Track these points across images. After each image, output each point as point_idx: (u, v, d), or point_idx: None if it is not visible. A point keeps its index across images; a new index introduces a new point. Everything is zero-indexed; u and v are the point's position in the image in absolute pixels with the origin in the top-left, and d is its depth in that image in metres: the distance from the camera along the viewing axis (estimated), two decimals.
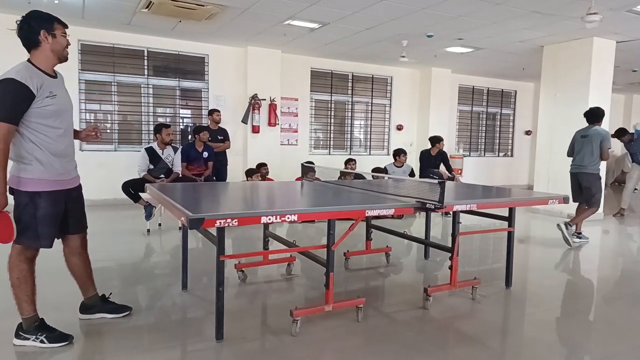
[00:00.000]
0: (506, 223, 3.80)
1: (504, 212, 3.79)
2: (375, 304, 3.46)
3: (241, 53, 8.67)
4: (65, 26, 2.57)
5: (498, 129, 12.52)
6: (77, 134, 2.83)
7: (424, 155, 7.88)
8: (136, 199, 5.70)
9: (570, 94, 7.48)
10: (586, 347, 2.92)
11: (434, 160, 7.77)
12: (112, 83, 7.87)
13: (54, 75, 2.57)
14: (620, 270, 4.79)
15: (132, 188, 5.62)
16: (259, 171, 6.98)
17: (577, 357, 2.76)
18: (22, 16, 2.49)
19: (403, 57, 8.12)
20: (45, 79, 2.46)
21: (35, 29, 2.44)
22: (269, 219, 2.43)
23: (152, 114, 8.31)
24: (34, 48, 2.48)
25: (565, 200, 3.68)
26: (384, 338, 2.85)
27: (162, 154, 5.82)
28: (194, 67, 8.57)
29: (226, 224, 2.30)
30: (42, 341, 2.55)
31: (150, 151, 5.78)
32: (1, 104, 2.32)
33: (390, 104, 10.71)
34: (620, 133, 7.89)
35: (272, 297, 3.68)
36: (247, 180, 6.76)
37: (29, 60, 2.48)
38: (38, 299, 2.64)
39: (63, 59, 2.56)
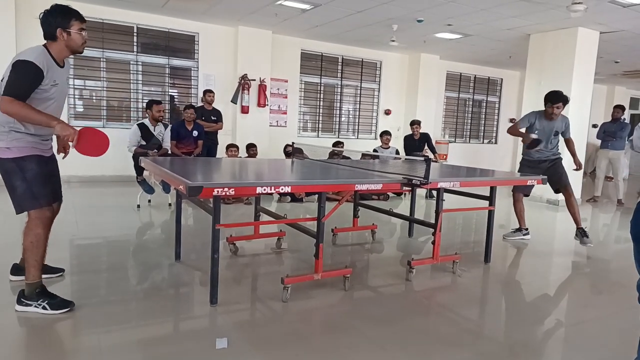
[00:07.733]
0: (487, 202, 3.99)
1: (486, 192, 3.98)
2: (361, 276, 3.63)
3: (232, 33, 8.65)
4: (83, 21, 2.64)
5: (483, 116, 12.73)
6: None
7: (407, 140, 8.10)
8: (141, 172, 5.74)
9: (554, 83, 7.64)
10: (557, 315, 3.14)
11: (417, 143, 7.98)
12: (101, 59, 7.82)
13: (63, 64, 2.66)
14: (593, 249, 5.03)
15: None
16: (235, 146, 7.01)
17: (548, 324, 2.96)
18: (45, 10, 2.58)
19: (393, 41, 8.21)
20: (54, 68, 2.57)
21: (53, 25, 2.54)
22: (264, 190, 2.55)
23: (141, 91, 8.29)
24: (51, 40, 2.59)
25: (543, 181, 3.88)
26: (369, 305, 3.02)
27: (154, 131, 5.85)
28: (184, 45, 8.53)
29: (223, 193, 2.41)
30: (44, 307, 2.58)
31: (142, 127, 5.81)
32: (19, 83, 2.43)
33: (379, 89, 10.81)
34: None
35: (262, 268, 3.83)
36: (227, 153, 6.87)
37: (45, 46, 2.57)
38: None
39: (78, 52, 2.69)
